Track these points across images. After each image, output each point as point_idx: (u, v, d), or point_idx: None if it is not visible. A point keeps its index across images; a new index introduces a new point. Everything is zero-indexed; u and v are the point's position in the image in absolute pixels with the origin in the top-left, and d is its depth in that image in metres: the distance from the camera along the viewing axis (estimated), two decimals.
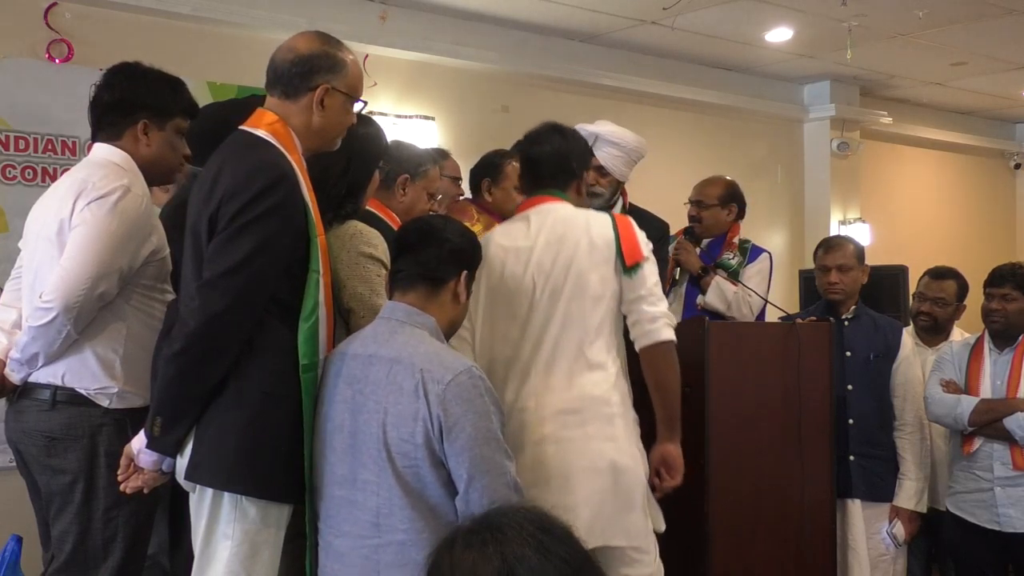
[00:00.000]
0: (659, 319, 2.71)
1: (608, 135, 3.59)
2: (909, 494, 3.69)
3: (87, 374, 2.60)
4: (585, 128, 3.55)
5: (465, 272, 2.34)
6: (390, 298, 2.36)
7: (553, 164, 2.87)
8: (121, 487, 2.38)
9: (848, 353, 3.73)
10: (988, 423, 3.55)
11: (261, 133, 2.31)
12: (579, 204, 2.90)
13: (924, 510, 3.73)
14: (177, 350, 2.21)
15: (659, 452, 2.78)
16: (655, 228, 3.66)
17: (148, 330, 2.63)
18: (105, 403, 2.60)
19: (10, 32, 4.36)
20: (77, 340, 2.59)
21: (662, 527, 2.76)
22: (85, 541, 2.62)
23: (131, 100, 2.68)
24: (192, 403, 2.24)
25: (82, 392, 2.59)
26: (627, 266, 2.72)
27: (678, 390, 2.79)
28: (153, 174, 2.76)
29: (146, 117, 2.69)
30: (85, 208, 2.55)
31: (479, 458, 2.11)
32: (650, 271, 2.76)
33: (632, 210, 3.67)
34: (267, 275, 2.22)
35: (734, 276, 3.94)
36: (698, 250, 4.02)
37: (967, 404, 3.57)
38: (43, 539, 2.80)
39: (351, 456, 2.22)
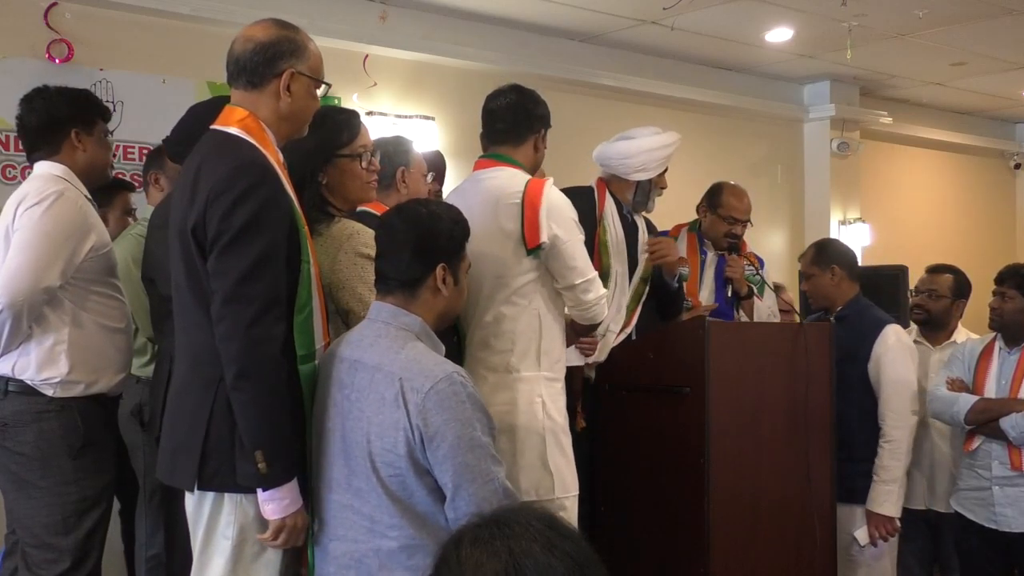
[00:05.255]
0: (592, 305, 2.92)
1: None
2: (876, 497, 3.64)
3: (30, 365, 2.84)
4: (666, 147, 3.65)
5: (442, 264, 2.24)
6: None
7: (507, 117, 2.99)
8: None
9: None
10: (985, 422, 3.55)
11: (234, 131, 2.29)
12: (533, 162, 3.01)
13: (895, 513, 3.67)
14: (235, 374, 2.13)
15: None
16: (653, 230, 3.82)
17: (93, 320, 2.91)
18: (49, 392, 2.84)
19: (10, 32, 4.36)
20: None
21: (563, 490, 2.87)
22: (47, 516, 2.83)
23: (58, 116, 2.98)
24: (280, 419, 2.16)
25: (28, 382, 2.83)
26: (528, 248, 2.82)
27: None
28: (94, 176, 3.06)
29: (76, 127, 2.98)
30: (23, 214, 2.82)
31: (463, 466, 2.07)
32: (559, 255, 2.84)
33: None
34: (280, 270, 2.19)
35: (760, 291, 3.98)
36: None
37: (964, 402, 3.57)
38: (8, 523, 3.02)
39: (343, 461, 2.20)
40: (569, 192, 3.78)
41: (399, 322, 2.22)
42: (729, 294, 3.95)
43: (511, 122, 2.99)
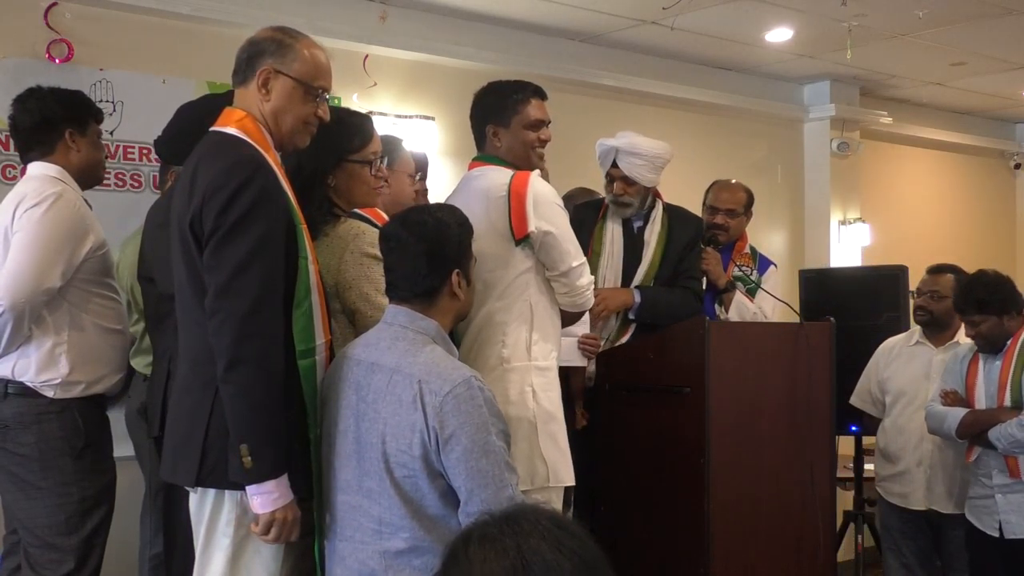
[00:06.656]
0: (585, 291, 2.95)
1: (626, 147, 3.66)
2: None
3: (30, 367, 2.86)
4: (605, 143, 3.65)
5: (456, 271, 2.28)
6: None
7: (472, 121, 3.12)
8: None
9: None
10: (975, 435, 3.56)
11: (231, 131, 2.30)
12: (501, 153, 3.01)
13: None
14: (225, 366, 2.12)
15: None
16: (694, 225, 3.87)
17: (92, 321, 2.94)
18: (49, 394, 2.87)
19: (10, 32, 4.35)
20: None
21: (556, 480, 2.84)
22: (50, 517, 2.86)
23: (52, 116, 3.01)
24: (269, 413, 2.14)
25: (28, 384, 2.86)
26: (516, 239, 2.82)
27: None
28: (87, 177, 3.08)
29: (69, 127, 3.01)
30: (23, 215, 2.84)
31: (476, 471, 2.08)
32: (553, 242, 2.84)
33: (667, 209, 3.79)
34: (275, 263, 2.19)
35: (752, 292, 3.96)
36: None
37: (953, 418, 3.61)
38: (7, 523, 3.06)
39: (356, 462, 2.22)
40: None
41: (416, 326, 2.24)
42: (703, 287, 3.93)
43: (473, 125, 3.11)
